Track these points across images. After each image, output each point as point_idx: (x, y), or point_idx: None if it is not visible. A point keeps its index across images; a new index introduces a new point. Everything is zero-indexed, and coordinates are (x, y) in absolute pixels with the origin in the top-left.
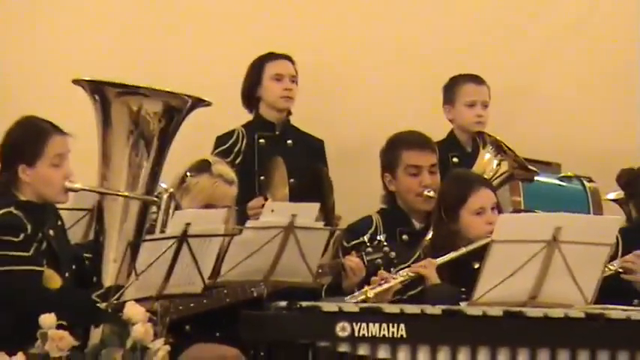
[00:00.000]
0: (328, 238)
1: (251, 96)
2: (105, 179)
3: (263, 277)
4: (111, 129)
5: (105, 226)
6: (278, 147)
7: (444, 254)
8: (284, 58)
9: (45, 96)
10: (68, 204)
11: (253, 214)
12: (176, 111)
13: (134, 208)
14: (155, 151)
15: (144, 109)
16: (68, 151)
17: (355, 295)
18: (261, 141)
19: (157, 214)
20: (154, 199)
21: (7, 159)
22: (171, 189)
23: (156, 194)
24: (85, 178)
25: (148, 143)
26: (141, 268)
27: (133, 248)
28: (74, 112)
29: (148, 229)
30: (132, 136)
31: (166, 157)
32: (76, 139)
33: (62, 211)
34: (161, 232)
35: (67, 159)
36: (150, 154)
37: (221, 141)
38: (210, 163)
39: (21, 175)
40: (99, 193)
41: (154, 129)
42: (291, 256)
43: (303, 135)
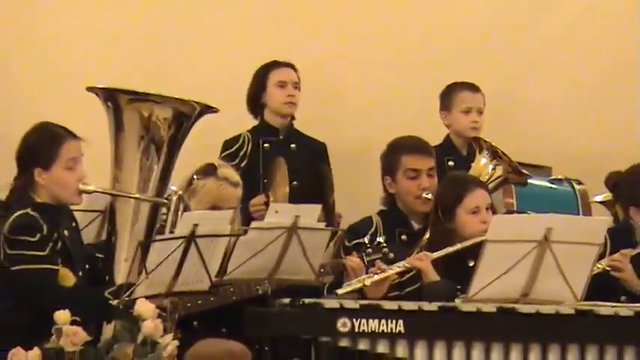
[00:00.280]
0: (330, 238)
1: (256, 102)
2: (117, 182)
3: (267, 275)
4: (123, 134)
5: (117, 227)
6: (282, 151)
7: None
8: (287, 66)
9: (60, 102)
10: (82, 205)
11: (255, 210)
12: (185, 117)
13: (145, 209)
14: (165, 155)
15: (154, 115)
16: (81, 154)
17: (352, 282)
18: (266, 145)
19: (167, 215)
20: (164, 201)
21: (23, 163)
22: (181, 191)
23: (166, 196)
24: (98, 180)
25: (158, 148)
26: (151, 266)
27: (144, 248)
28: (88, 118)
29: (157, 229)
30: (143, 140)
31: (176, 161)
32: (89, 144)
33: (76, 212)
34: (170, 232)
35: (81, 162)
36: (160, 158)
37: (228, 145)
38: (216, 166)
39: (37, 178)
40: (111, 195)
41: (164, 134)
42: (294, 255)
43: (306, 139)
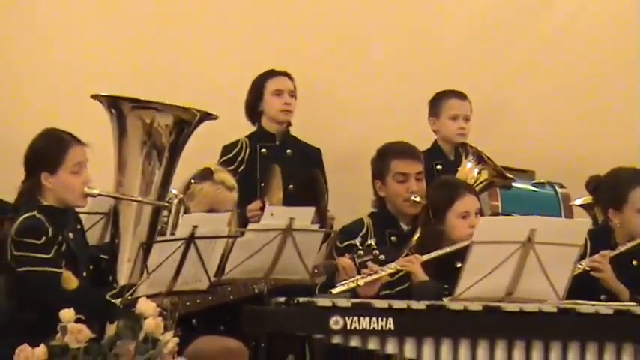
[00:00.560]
0: (323, 239)
1: (253, 110)
2: (120, 186)
3: (263, 275)
4: (126, 140)
5: (120, 229)
6: (278, 156)
7: (430, 252)
8: (283, 75)
9: (66, 110)
10: (86, 208)
11: (251, 216)
12: (186, 124)
13: (147, 212)
14: (166, 160)
15: (156, 122)
16: (86, 159)
17: (347, 282)
18: (263, 150)
19: (168, 217)
20: (165, 204)
21: (31, 167)
22: (181, 195)
23: (167, 200)
24: (102, 184)
25: (159, 153)
26: (152, 267)
27: (145, 249)
28: (93, 124)
29: (159, 231)
30: (145, 146)
31: (177, 166)
32: (94, 149)
33: (81, 214)
34: (171, 234)
35: (86, 167)
36: (161, 163)
37: (226, 150)
38: (213, 171)
39: (44, 182)
40: (115, 199)
41: (166, 140)
42: (289, 256)
43: (302, 145)
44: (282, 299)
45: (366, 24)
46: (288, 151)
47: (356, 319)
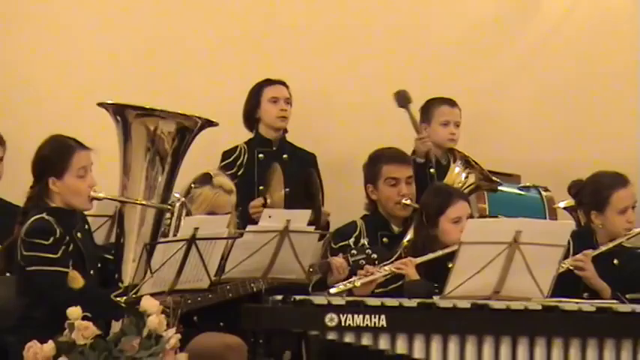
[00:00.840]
0: (319, 237)
1: (251, 117)
2: (125, 189)
3: (261, 274)
4: (131, 146)
5: (125, 230)
6: (275, 161)
7: (423, 254)
8: (279, 83)
9: (73, 117)
10: (92, 211)
11: (254, 212)
12: (187, 130)
13: (150, 214)
14: (169, 165)
15: (160, 128)
16: (91, 164)
17: (344, 283)
18: (261, 156)
19: (170, 220)
20: (168, 207)
21: (38, 172)
22: (183, 198)
23: (169, 203)
24: (107, 188)
25: (162, 158)
26: (155, 266)
27: (149, 249)
28: (99, 131)
29: (162, 233)
30: (149, 152)
31: (179, 171)
32: (100, 155)
33: (87, 217)
34: (173, 235)
35: (91, 170)
36: (164, 168)
37: (226, 155)
38: (212, 175)
39: (51, 186)
40: (120, 202)
41: (168, 146)
42: (285, 256)
43: (297, 150)
44: (279, 297)
45: (359, 34)
46: (285, 156)
47: (350, 316)
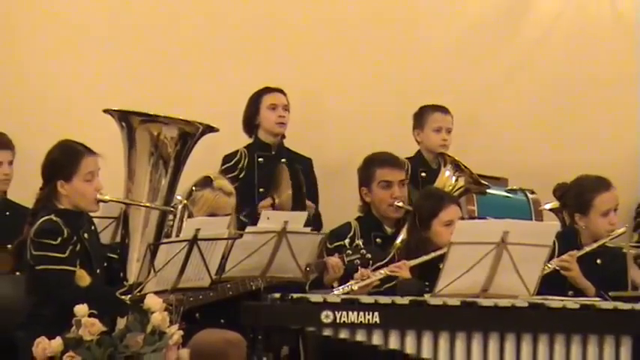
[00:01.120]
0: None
1: (251, 123)
2: (130, 192)
3: (260, 273)
4: (135, 150)
5: (129, 232)
6: (274, 165)
7: (416, 256)
8: (278, 91)
9: (80, 123)
10: (99, 213)
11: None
12: (189, 136)
13: (154, 216)
14: (172, 168)
15: (163, 134)
16: (98, 168)
17: (343, 287)
18: (260, 159)
19: (173, 221)
20: (171, 209)
21: (47, 175)
22: (185, 201)
23: (172, 205)
24: (113, 191)
25: (165, 162)
26: (159, 266)
27: (153, 250)
28: (105, 136)
29: (165, 233)
30: (152, 156)
31: (181, 174)
32: (105, 159)
33: (94, 218)
34: (176, 236)
35: (98, 175)
36: (167, 172)
37: (227, 159)
38: (212, 178)
39: (59, 189)
40: (125, 204)
41: (171, 151)
42: (283, 255)
43: (295, 155)
44: (277, 295)
45: (353, 46)
46: (283, 160)
47: (345, 313)
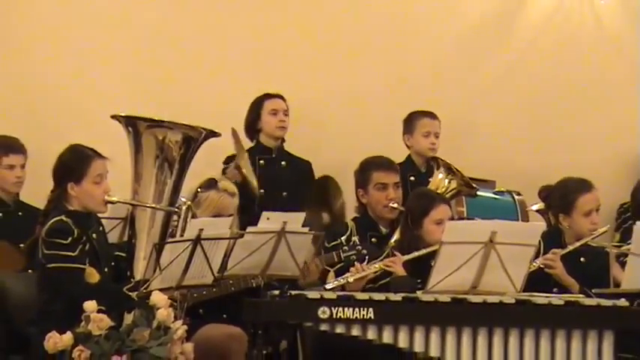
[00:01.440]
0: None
1: (252, 127)
2: (136, 194)
3: (260, 271)
4: (141, 154)
5: (136, 231)
6: (274, 167)
7: (409, 253)
8: (278, 97)
9: (89, 128)
10: (107, 214)
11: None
12: (193, 140)
13: (159, 217)
14: (176, 171)
15: (168, 138)
16: (106, 171)
17: (338, 279)
18: (261, 162)
19: (178, 221)
20: (175, 210)
21: (58, 178)
22: (189, 202)
23: (177, 206)
24: (120, 193)
25: (170, 165)
26: (164, 264)
27: (158, 249)
28: (112, 141)
29: (170, 233)
30: (158, 159)
31: (185, 176)
32: (113, 162)
33: (102, 219)
34: (180, 236)
35: (106, 177)
36: (172, 174)
37: (229, 161)
38: (217, 180)
39: (70, 190)
40: (131, 205)
41: (176, 154)
42: (282, 254)
43: (294, 158)
44: (276, 292)
45: (349, 56)
46: (283, 163)
47: (341, 309)
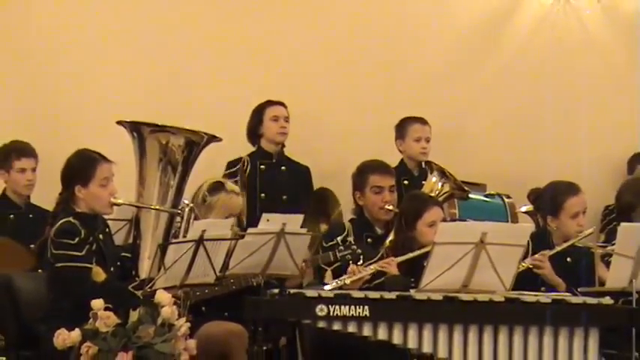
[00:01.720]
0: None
1: (254, 133)
2: (141, 196)
3: (260, 270)
4: (145, 158)
5: (141, 232)
6: (274, 171)
7: (403, 254)
8: (279, 104)
9: (96, 133)
10: (113, 215)
11: None
12: (195, 144)
13: (163, 218)
14: (179, 174)
15: (171, 143)
16: (112, 174)
17: (336, 281)
18: (262, 167)
19: (181, 223)
20: (179, 212)
21: (66, 181)
22: (192, 204)
23: (180, 208)
24: (126, 195)
25: (173, 168)
26: (168, 264)
27: (162, 249)
28: (118, 145)
29: (173, 234)
30: (161, 163)
31: (188, 179)
32: (118, 166)
33: (108, 220)
34: (184, 237)
35: (112, 180)
36: (175, 177)
37: (231, 165)
38: (223, 182)
39: (77, 193)
40: (136, 207)
41: (179, 158)
42: (281, 255)
43: (294, 163)
44: (276, 290)
45: (347, 63)
46: (283, 167)
47: (337, 307)
